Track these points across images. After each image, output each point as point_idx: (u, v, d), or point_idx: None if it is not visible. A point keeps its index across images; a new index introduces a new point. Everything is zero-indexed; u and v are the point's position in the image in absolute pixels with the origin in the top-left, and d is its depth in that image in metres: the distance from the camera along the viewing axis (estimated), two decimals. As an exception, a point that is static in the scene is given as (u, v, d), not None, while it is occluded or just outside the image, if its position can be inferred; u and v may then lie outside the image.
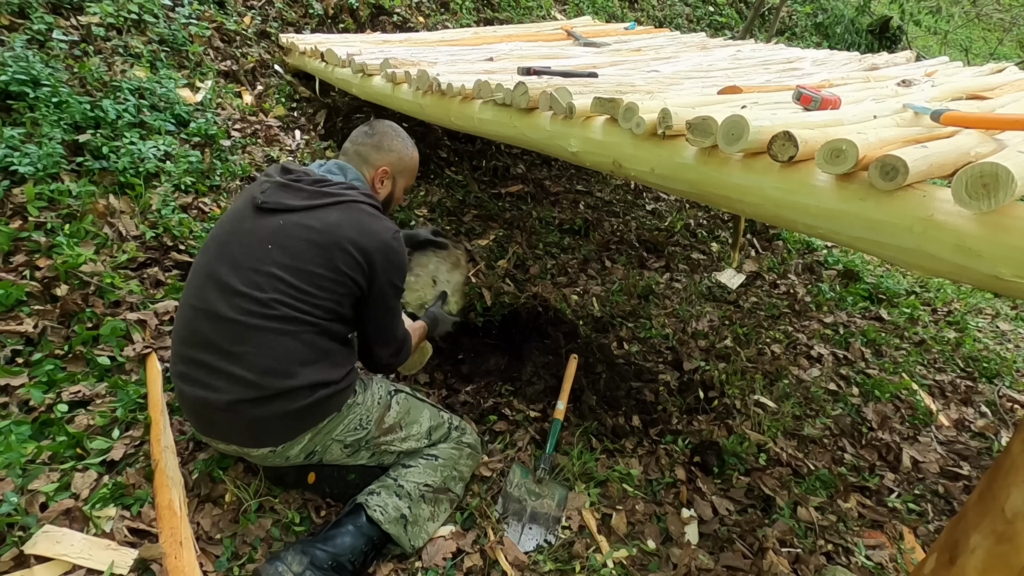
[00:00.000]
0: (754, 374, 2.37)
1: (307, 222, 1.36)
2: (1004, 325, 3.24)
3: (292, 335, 1.33)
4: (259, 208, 1.39)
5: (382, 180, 1.58)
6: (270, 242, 1.35)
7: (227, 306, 1.32)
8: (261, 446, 1.38)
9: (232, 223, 1.43)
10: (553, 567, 1.51)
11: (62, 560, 1.28)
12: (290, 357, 1.33)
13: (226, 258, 1.36)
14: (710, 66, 2.54)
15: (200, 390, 1.33)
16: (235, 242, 1.38)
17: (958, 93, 1.65)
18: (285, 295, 1.32)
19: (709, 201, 1.24)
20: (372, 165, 1.56)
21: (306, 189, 1.40)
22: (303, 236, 1.34)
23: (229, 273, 1.34)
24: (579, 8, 5.28)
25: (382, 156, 1.57)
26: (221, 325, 1.32)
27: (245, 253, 1.35)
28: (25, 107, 2.16)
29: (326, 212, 1.37)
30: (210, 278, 1.36)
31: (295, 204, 1.38)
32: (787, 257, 3.49)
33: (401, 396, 1.59)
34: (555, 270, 2.81)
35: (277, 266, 1.33)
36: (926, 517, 1.87)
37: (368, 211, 1.43)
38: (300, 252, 1.34)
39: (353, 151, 1.57)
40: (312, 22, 3.62)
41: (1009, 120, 1.02)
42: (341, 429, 1.45)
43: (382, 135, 1.59)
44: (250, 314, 1.31)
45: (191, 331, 1.37)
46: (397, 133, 1.61)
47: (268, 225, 1.37)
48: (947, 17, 8.47)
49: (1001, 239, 0.78)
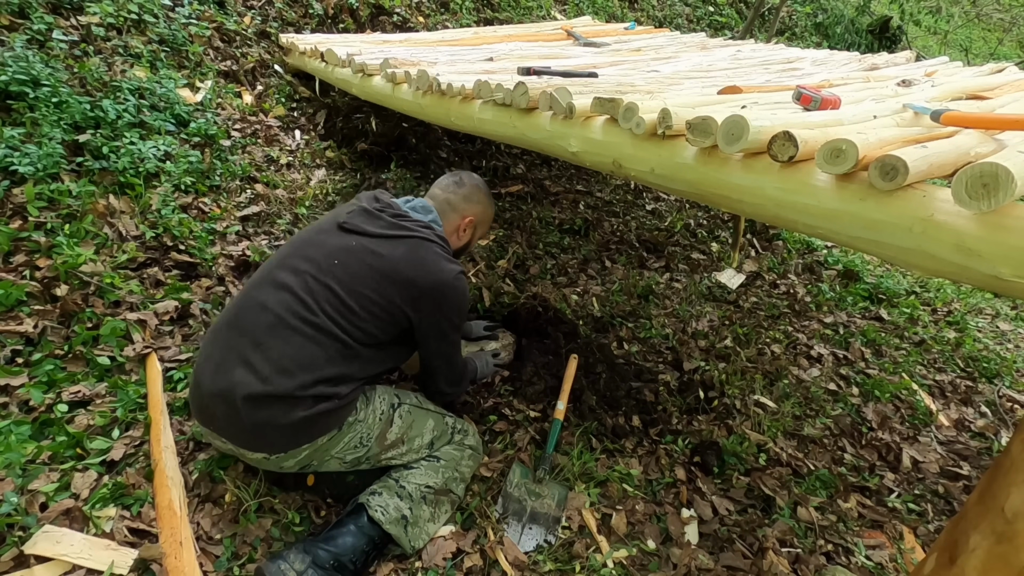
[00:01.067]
0: (754, 374, 2.37)
1: (375, 248, 1.46)
2: (1004, 325, 3.24)
3: (320, 345, 1.38)
4: (340, 227, 1.50)
5: (465, 228, 1.70)
6: (336, 257, 1.45)
7: (275, 300, 1.40)
8: (257, 450, 1.38)
9: (312, 234, 1.54)
10: (553, 567, 1.51)
11: (62, 560, 1.28)
12: (307, 363, 1.36)
13: (293, 260, 1.47)
14: (710, 66, 2.54)
15: (219, 376, 1.34)
16: (306, 249, 1.48)
17: (958, 93, 1.65)
18: (332, 308, 1.39)
19: (709, 201, 1.24)
20: (459, 213, 1.68)
21: (386, 220, 1.51)
22: (367, 260, 1.44)
23: (289, 274, 1.44)
24: (579, 8, 5.28)
25: (470, 207, 1.69)
26: (263, 315, 1.39)
27: (311, 260, 1.45)
28: (25, 107, 2.16)
29: (396, 244, 1.47)
30: (272, 273, 1.46)
31: (371, 231, 1.48)
32: (787, 257, 3.49)
33: (404, 409, 1.55)
34: (555, 270, 2.81)
35: (335, 280, 1.41)
36: (926, 517, 1.87)
37: (435, 251, 1.51)
38: (359, 273, 1.43)
39: (443, 197, 1.68)
40: (312, 22, 3.62)
41: (1009, 120, 1.02)
42: (340, 447, 1.44)
43: (472, 188, 1.72)
44: (292, 314, 1.38)
45: (236, 315, 1.44)
46: (483, 189, 1.76)
47: (341, 243, 1.47)
48: (947, 17, 8.47)
49: (1001, 239, 0.78)
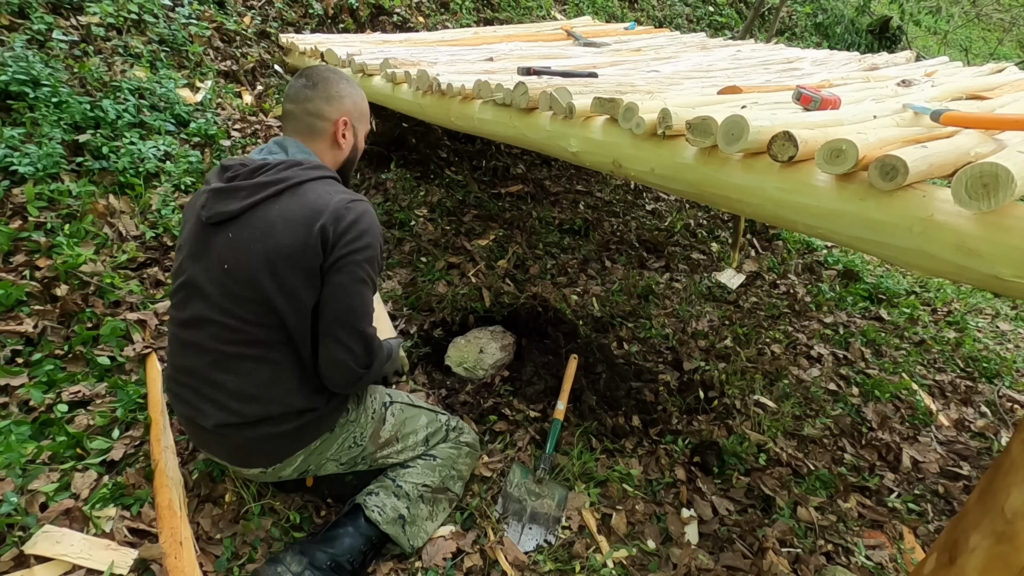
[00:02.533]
0: (754, 374, 2.37)
1: (251, 227, 1.23)
2: (1004, 325, 3.24)
3: (270, 361, 1.27)
4: (206, 224, 1.27)
5: (343, 133, 1.38)
6: (225, 262, 1.24)
7: (204, 337, 1.27)
8: (252, 467, 1.37)
9: (190, 244, 1.31)
10: (553, 567, 1.51)
11: (62, 560, 1.28)
12: (270, 384, 1.28)
13: (195, 286, 1.28)
14: (710, 66, 2.54)
15: (188, 410, 1.32)
16: (197, 267, 1.28)
17: (958, 93, 1.65)
18: (255, 315, 1.24)
19: (709, 201, 1.24)
20: (328, 119, 1.36)
21: (243, 186, 1.25)
22: (251, 247, 1.22)
23: (200, 304, 1.27)
24: (579, 8, 5.28)
25: (335, 106, 1.36)
26: (202, 355, 1.28)
27: (208, 279, 1.26)
28: (25, 107, 2.16)
29: (267, 208, 1.23)
30: (186, 306, 1.30)
31: (235, 209, 1.23)
32: (787, 257, 3.49)
33: (396, 407, 1.55)
34: (555, 270, 2.81)
35: (239, 286, 1.23)
36: (926, 517, 1.87)
37: (314, 189, 1.25)
38: (254, 265, 1.22)
39: (302, 111, 1.35)
40: (312, 22, 3.62)
41: (1009, 120, 1.02)
42: (335, 449, 1.43)
43: (326, 83, 1.36)
44: (227, 342, 1.26)
45: (178, 355, 1.34)
46: (340, 76, 1.40)
47: (218, 243, 1.25)
48: (947, 17, 8.47)
49: (1001, 239, 0.78)
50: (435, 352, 2.20)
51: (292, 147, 1.33)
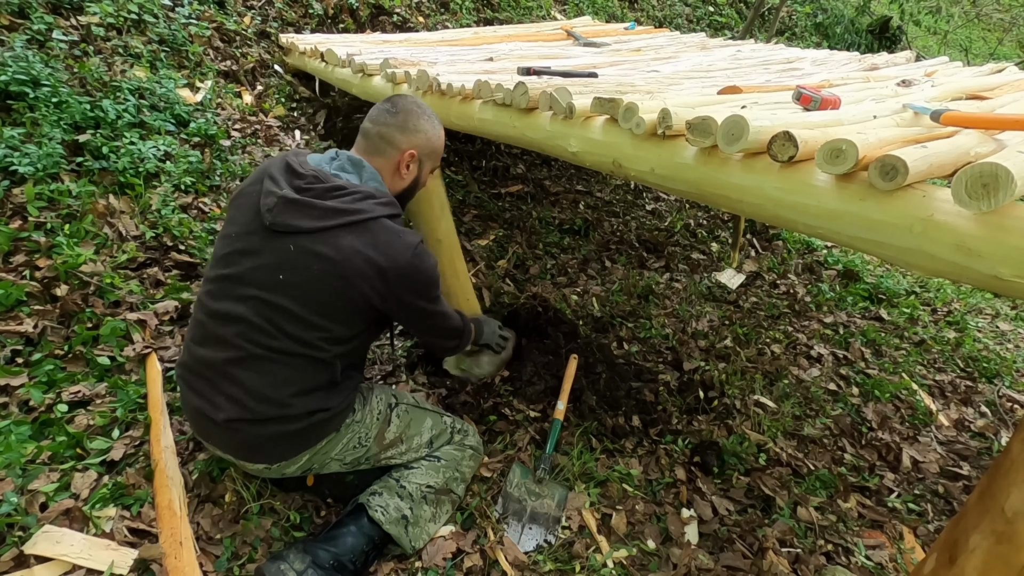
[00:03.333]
0: (754, 374, 2.37)
1: (319, 248, 1.26)
2: (1004, 325, 3.24)
3: (293, 365, 1.30)
4: (269, 229, 1.28)
5: (408, 165, 1.42)
6: (281, 271, 1.27)
7: (233, 333, 1.29)
8: (256, 462, 1.38)
9: (244, 239, 1.32)
10: (553, 567, 1.51)
11: (62, 560, 1.28)
12: (288, 385, 1.30)
13: (240, 282, 1.30)
14: (710, 66, 2.54)
15: (200, 401, 1.33)
16: (248, 266, 1.30)
17: (958, 93, 1.65)
18: (293, 327, 1.28)
19: (709, 201, 1.24)
20: (397, 148, 1.40)
21: (317, 206, 1.27)
22: (314, 266, 1.26)
23: (237, 303, 1.29)
24: (579, 8, 5.28)
25: (408, 138, 1.41)
26: (226, 349, 1.30)
27: (258, 281, 1.28)
28: (25, 107, 2.16)
29: (339, 235, 1.26)
30: (222, 297, 1.32)
31: (307, 226, 1.26)
32: (787, 257, 3.49)
33: (401, 408, 1.56)
34: (555, 270, 2.81)
35: (288, 298, 1.26)
36: (926, 517, 1.87)
37: (385, 227, 1.30)
38: (311, 284, 1.26)
39: (376, 133, 1.40)
40: (312, 22, 3.62)
41: (1009, 120, 1.02)
42: (340, 448, 1.44)
43: (407, 114, 1.41)
44: (254, 344, 1.28)
45: (199, 344, 1.35)
46: (423, 111, 1.45)
47: (278, 249, 1.27)
48: (947, 17, 8.47)
49: (1001, 239, 0.77)
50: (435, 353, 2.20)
51: (367, 172, 1.37)
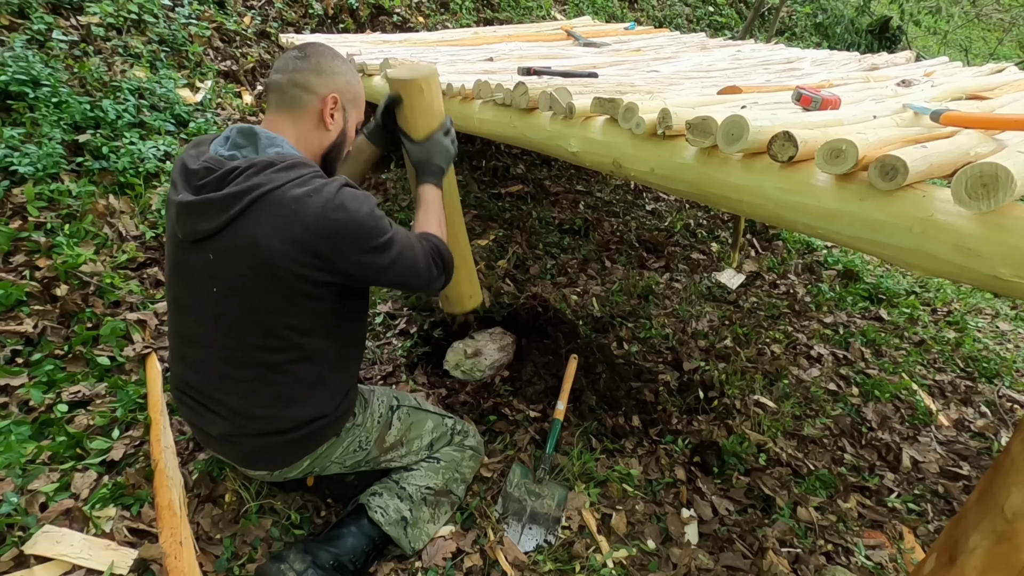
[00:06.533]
0: (754, 374, 2.37)
1: (233, 247, 1.13)
2: (1004, 325, 3.24)
3: (275, 377, 1.24)
4: (183, 241, 1.19)
5: (331, 113, 1.26)
6: (213, 285, 1.17)
7: (204, 358, 1.26)
8: (258, 470, 1.38)
9: (172, 256, 1.26)
10: (553, 567, 1.51)
11: (62, 560, 1.28)
12: (275, 401, 1.26)
13: (185, 306, 1.25)
14: (710, 66, 2.54)
15: (194, 417, 1.33)
16: (183, 286, 1.24)
17: (958, 93, 1.64)
18: (256, 336, 1.19)
19: (709, 201, 1.24)
20: (316, 94, 1.23)
21: (214, 200, 1.12)
22: (237, 270, 1.14)
23: (195, 325, 1.24)
24: (579, 8, 5.28)
25: (325, 81, 1.24)
26: (204, 373, 1.27)
27: (198, 301, 1.21)
28: (25, 107, 2.16)
29: (245, 224, 1.11)
30: (181, 319, 1.28)
31: (211, 227, 1.13)
32: (787, 257, 3.49)
33: (403, 411, 1.54)
34: (555, 270, 2.81)
35: (231, 310, 1.17)
36: (926, 517, 1.87)
37: (289, 196, 1.11)
38: (244, 288, 1.15)
39: (288, 82, 1.22)
40: (312, 22, 3.62)
41: (1009, 120, 1.02)
42: (340, 452, 1.43)
43: (320, 56, 1.25)
44: (227, 364, 1.23)
45: (179, 367, 1.33)
46: (336, 54, 1.29)
47: (200, 262, 1.17)
48: (947, 17, 8.47)
49: (1001, 239, 0.77)
50: (435, 352, 2.20)
51: (263, 140, 1.18)
